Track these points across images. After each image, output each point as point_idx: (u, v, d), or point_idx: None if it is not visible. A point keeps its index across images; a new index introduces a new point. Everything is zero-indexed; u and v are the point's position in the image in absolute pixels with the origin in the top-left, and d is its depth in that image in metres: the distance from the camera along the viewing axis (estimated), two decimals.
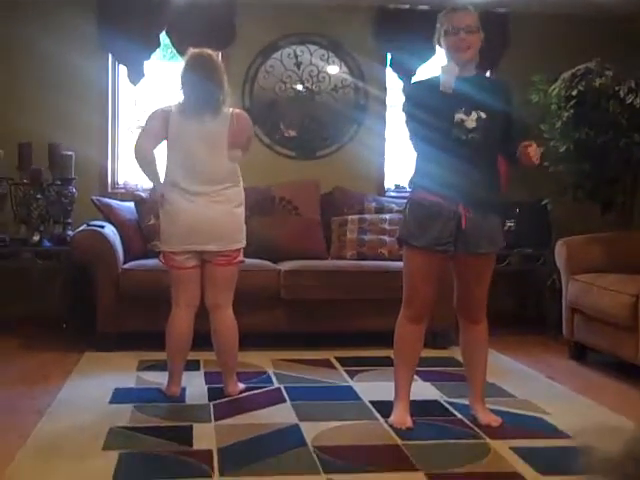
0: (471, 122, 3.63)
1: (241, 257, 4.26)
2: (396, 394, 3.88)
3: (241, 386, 4.39)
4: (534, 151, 3.62)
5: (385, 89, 6.62)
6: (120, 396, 4.27)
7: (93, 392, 4.32)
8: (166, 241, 4.20)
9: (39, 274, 6.01)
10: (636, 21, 6.31)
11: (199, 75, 4.12)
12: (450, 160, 3.65)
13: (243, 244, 4.25)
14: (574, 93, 5.66)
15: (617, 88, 5.59)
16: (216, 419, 3.90)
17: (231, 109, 4.22)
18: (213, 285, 4.23)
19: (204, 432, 3.70)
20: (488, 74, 6.27)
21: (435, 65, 6.20)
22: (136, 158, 4.25)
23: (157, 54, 6.40)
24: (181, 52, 6.07)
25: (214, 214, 4.12)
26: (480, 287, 3.83)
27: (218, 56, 4.36)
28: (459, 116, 3.63)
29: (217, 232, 4.14)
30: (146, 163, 4.22)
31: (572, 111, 5.71)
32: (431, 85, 3.73)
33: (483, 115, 3.64)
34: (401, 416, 3.82)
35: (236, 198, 4.21)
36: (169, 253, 4.18)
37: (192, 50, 4.24)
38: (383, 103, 6.61)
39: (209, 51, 4.24)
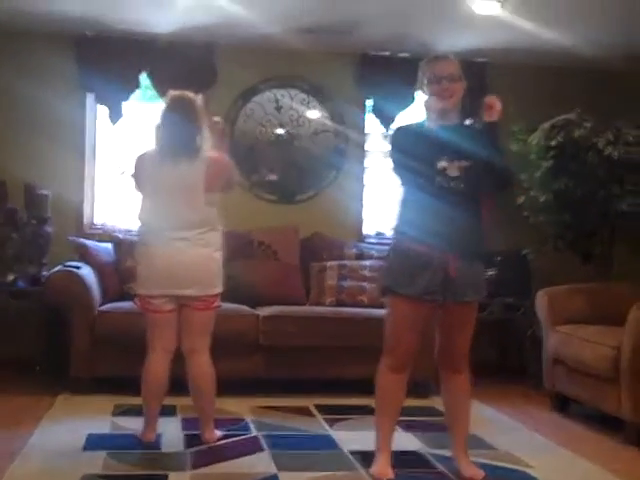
0: (454, 170, 3.60)
1: (218, 302, 4.20)
2: (377, 445, 3.80)
3: (218, 433, 4.29)
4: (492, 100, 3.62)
5: (365, 135, 6.64)
6: (94, 442, 4.15)
7: (66, 438, 4.21)
8: (143, 284, 4.12)
9: (13, 315, 5.87)
10: (615, 73, 6.38)
11: (178, 117, 4.09)
12: (435, 207, 3.62)
13: (221, 289, 4.19)
14: (553, 143, 5.69)
15: (595, 140, 5.62)
16: (192, 468, 3.81)
17: (209, 153, 4.16)
18: (190, 330, 4.15)
19: None
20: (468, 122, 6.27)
21: (414, 111, 6.23)
22: None
23: (137, 95, 6.36)
24: (161, 93, 6.05)
25: (193, 258, 4.06)
26: (463, 336, 3.79)
27: (199, 99, 4.30)
28: (442, 164, 3.60)
29: (196, 276, 4.07)
30: None
31: (551, 162, 5.74)
32: (415, 131, 3.73)
33: (466, 164, 3.61)
34: (382, 467, 3.73)
35: (215, 242, 4.15)
36: (146, 296, 4.10)
37: (172, 92, 4.21)
38: (362, 148, 6.62)
39: (189, 94, 4.21)
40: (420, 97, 3.84)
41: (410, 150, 3.65)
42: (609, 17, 5.39)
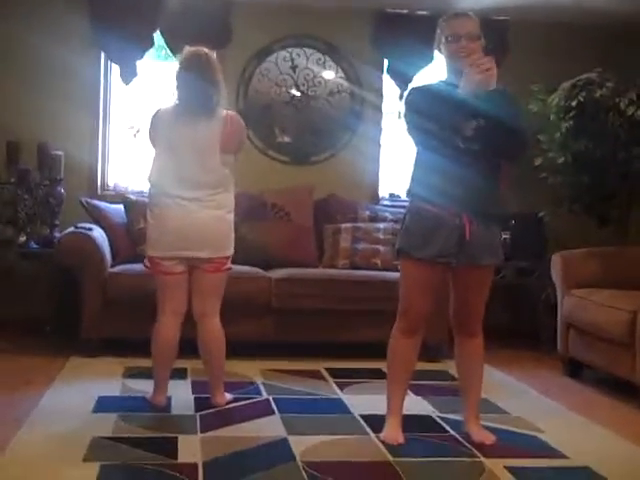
0: (470, 130, 3.53)
1: (229, 264, 4.16)
2: (388, 409, 3.79)
3: (228, 396, 4.28)
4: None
5: (381, 95, 6.55)
6: (104, 404, 4.16)
7: (76, 400, 4.21)
8: (154, 246, 4.08)
9: (24, 276, 5.89)
10: (638, 30, 6.24)
11: (194, 75, 4.01)
12: (449, 169, 3.57)
13: (232, 251, 4.15)
14: (574, 104, 5.58)
15: (617, 100, 5.51)
16: (202, 431, 3.80)
17: (225, 111, 4.11)
18: (200, 292, 4.13)
19: (189, 444, 3.59)
20: None
21: (432, 71, 6.13)
22: None
23: (151, 53, 6.31)
24: (175, 52, 6.01)
25: (206, 220, 4.02)
26: (479, 299, 3.76)
27: (214, 55, 4.22)
28: (458, 124, 3.53)
29: (208, 238, 4.03)
30: None
31: (571, 122, 5.63)
32: (431, 91, 3.67)
33: (482, 123, 3.54)
34: (393, 431, 3.73)
35: (228, 204, 4.11)
36: (156, 258, 4.07)
37: (188, 48, 4.14)
38: (379, 109, 6.53)
39: (205, 50, 4.13)
40: (438, 57, 3.76)
41: (425, 111, 3.59)
42: None
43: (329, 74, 6.46)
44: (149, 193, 4.15)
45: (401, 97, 6.31)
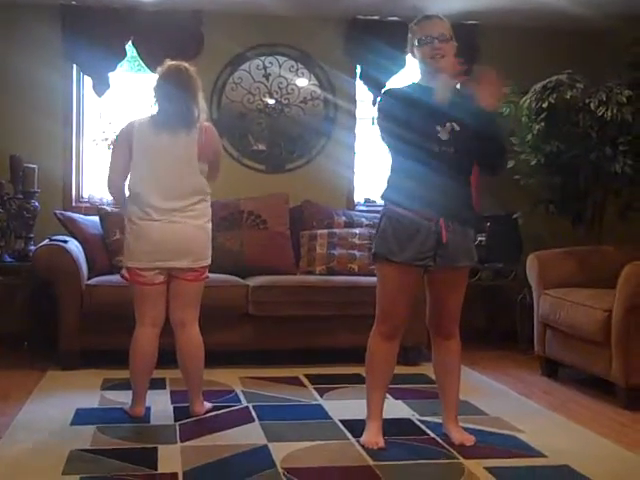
0: (445, 134, 3.56)
1: (207, 273, 4.17)
2: (368, 413, 3.80)
3: (208, 405, 4.28)
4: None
5: (355, 101, 6.57)
6: (82, 417, 4.14)
7: (54, 413, 4.19)
8: (133, 257, 4.06)
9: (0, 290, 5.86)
10: (606, 34, 6.30)
11: (175, 88, 4.03)
12: (425, 173, 3.58)
13: (210, 260, 4.16)
14: (545, 105, 5.61)
15: (587, 100, 5.54)
16: (182, 440, 3.79)
17: (200, 122, 4.11)
18: (179, 301, 4.12)
19: (169, 454, 3.59)
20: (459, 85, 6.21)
21: (405, 77, 6.15)
22: (110, 194, 4.31)
23: (123, 65, 6.29)
24: (148, 63, 6.00)
25: (187, 229, 4.02)
26: (454, 300, 3.78)
27: (193, 69, 4.21)
28: (433, 128, 3.55)
29: (189, 248, 4.04)
30: (121, 198, 4.17)
31: (543, 124, 5.66)
32: (404, 95, 3.67)
33: (457, 127, 3.57)
34: (373, 436, 3.74)
35: (206, 213, 4.12)
36: (136, 269, 4.05)
37: (168, 62, 4.13)
38: (353, 116, 6.55)
39: (185, 64, 4.14)
40: (410, 61, 3.77)
41: (398, 117, 3.59)
42: None
43: (302, 81, 6.48)
44: (128, 204, 4.13)
45: (374, 103, 6.32)
